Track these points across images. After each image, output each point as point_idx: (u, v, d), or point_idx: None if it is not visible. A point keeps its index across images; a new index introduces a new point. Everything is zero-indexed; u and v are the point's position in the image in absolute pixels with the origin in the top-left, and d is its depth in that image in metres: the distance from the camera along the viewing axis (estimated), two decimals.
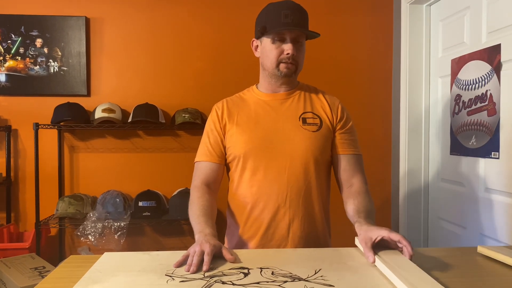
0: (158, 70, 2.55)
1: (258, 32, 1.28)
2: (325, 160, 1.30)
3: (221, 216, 1.57)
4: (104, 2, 2.51)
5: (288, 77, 1.28)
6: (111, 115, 2.35)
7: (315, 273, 0.91)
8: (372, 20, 2.63)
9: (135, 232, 2.53)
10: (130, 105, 2.48)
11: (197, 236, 1.08)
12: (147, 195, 2.38)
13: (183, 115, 2.38)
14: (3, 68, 2.44)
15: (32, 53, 2.46)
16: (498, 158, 1.81)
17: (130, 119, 2.39)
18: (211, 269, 0.94)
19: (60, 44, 2.47)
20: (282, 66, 1.25)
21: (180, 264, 0.96)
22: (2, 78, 2.44)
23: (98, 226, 2.22)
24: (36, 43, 2.46)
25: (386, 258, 0.94)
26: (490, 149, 1.85)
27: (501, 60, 1.78)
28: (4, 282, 1.89)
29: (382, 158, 2.65)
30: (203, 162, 1.31)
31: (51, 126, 2.38)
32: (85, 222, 2.23)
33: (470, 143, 1.98)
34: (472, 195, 1.99)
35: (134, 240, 2.54)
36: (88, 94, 2.51)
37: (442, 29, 2.27)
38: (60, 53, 2.47)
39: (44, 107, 2.46)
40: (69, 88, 2.48)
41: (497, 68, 1.80)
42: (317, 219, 1.28)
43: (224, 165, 1.34)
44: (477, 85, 1.93)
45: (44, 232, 2.41)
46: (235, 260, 1.00)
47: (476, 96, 1.94)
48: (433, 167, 2.36)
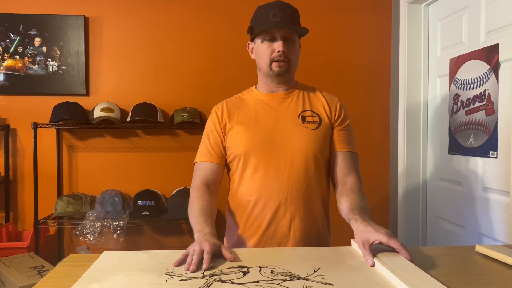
0: (157, 70, 2.55)
1: (250, 34, 1.30)
2: (325, 158, 1.30)
3: (221, 217, 1.57)
4: (103, 2, 2.50)
5: (282, 76, 1.28)
6: (110, 115, 2.35)
7: (314, 272, 0.91)
8: (371, 20, 2.63)
9: (134, 232, 2.53)
10: (129, 105, 2.48)
11: (197, 235, 1.08)
12: (146, 195, 2.38)
13: (182, 115, 2.38)
14: (2, 67, 2.44)
15: (31, 52, 2.45)
16: (496, 158, 1.81)
17: (129, 119, 2.38)
18: (211, 268, 0.94)
19: (59, 43, 2.47)
20: (274, 65, 1.26)
21: (180, 263, 0.96)
22: (1, 77, 2.44)
23: (97, 226, 2.22)
24: (35, 42, 2.45)
25: (386, 260, 0.94)
26: (488, 149, 1.86)
27: (499, 60, 1.79)
28: (3, 282, 1.89)
29: (381, 158, 2.65)
30: (203, 163, 1.31)
31: (50, 125, 2.38)
32: (84, 222, 2.23)
33: (468, 143, 1.99)
34: (470, 194, 2.00)
35: (133, 240, 2.54)
36: (87, 94, 2.51)
37: (441, 29, 2.27)
38: (59, 52, 2.47)
39: (43, 106, 2.46)
40: (68, 87, 2.48)
41: (495, 68, 1.81)
42: (318, 217, 1.29)
43: (224, 166, 1.34)
44: (476, 85, 1.94)
45: (43, 232, 2.41)
46: (235, 259, 1.00)
47: (475, 96, 1.94)
48: (431, 167, 2.37)
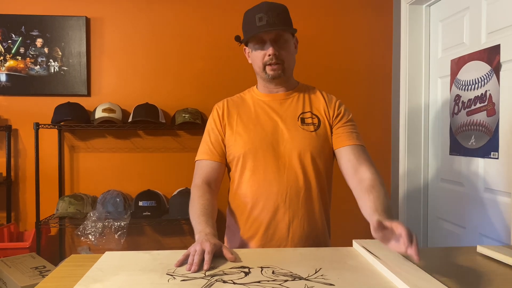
0: (159, 70, 2.55)
1: (239, 42, 1.31)
2: (325, 160, 1.29)
3: (221, 217, 1.58)
4: (105, 2, 2.51)
5: (278, 78, 1.28)
6: (111, 115, 2.36)
7: (316, 272, 0.91)
8: (372, 21, 2.63)
9: (135, 232, 2.54)
10: (130, 105, 2.48)
11: (198, 236, 1.08)
12: (147, 195, 2.39)
13: (183, 115, 2.39)
14: (4, 68, 2.44)
15: (33, 53, 2.46)
16: (498, 158, 1.81)
17: (130, 119, 2.39)
18: (212, 268, 0.94)
19: (61, 44, 2.47)
20: (268, 69, 1.26)
21: (181, 263, 0.97)
22: (3, 78, 2.45)
23: (98, 226, 2.22)
24: (37, 43, 2.46)
25: (387, 260, 0.94)
26: (490, 149, 1.85)
27: (501, 61, 1.79)
28: (5, 282, 1.90)
29: (382, 158, 2.65)
30: (204, 161, 1.31)
31: (52, 126, 2.39)
32: (85, 222, 2.23)
33: (470, 143, 1.99)
34: (472, 195, 2.00)
35: (134, 240, 2.54)
36: (89, 94, 2.51)
37: (442, 30, 2.27)
38: (61, 53, 2.48)
39: (45, 107, 2.47)
40: (70, 88, 2.48)
41: (497, 69, 1.81)
42: (317, 219, 1.28)
43: (225, 164, 1.34)
44: (477, 86, 1.94)
45: (45, 232, 2.42)
46: (236, 260, 1.00)
47: (476, 97, 1.94)
48: (433, 167, 2.36)
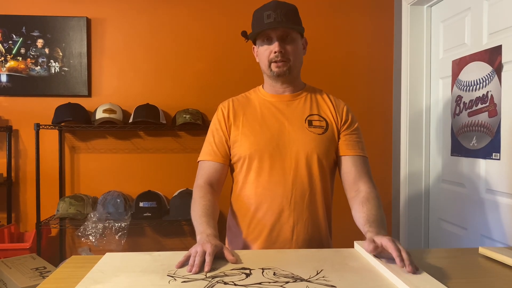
0: (159, 71, 2.55)
1: (245, 38, 1.31)
2: (330, 164, 1.29)
3: (223, 218, 1.57)
4: (105, 3, 2.51)
5: (283, 76, 1.27)
6: (112, 116, 2.35)
7: (317, 274, 0.91)
8: (373, 21, 2.63)
9: (136, 233, 2.53)
10: (131, 106, 2.48)
11: (199, 237, 1.07)
12: (148, 196, 2.38)
13: (184, 116, 2.39)
14: (4, 69, 2.44)
15: (33, 54, 2.46)
16: (499, 159, 1.81)
17: (131, 120, 2.39)
18: (213, 270, 0.94)
19: (61, 45, 2.47)
20: (273, 66, 1.26)
21: (182, 265, 0.96)
22: (3, 79, 2.45)
23: (99, 227, 2.22)
24: (37, 44, 2.46)
25: (388, 262, 0.94)
26: (491, 150, 1.85)
27: (502, 61, 1.78)
28: (5, 283, 1.89)
29: (383, 159, 2.65)
30: (207, 162, 1.30)
31: (52, 127, 2.39)
32: (86, 223, 2.23)
33: (471, 144, 1.98)
34: (473, 196, 1.99)
35: (135, 241, 2.54)
36: (89, 95, 2.51)
37: (443, 30, 2.27)
38: (61, 54, 2.48)
39: (45, 108, 2.46)
40: (70, 89, 2.48)
41: (498, 69, 1.80)
42: (321, 222, 1.27)
43: (228, 166, 1.32)
44: (478, 86, 1.93)
45: (45, 233, 2.42)
46: (237, 261, 1.00)
47: (477, 97, 1.94)
48: (434, 168, 2.36)
